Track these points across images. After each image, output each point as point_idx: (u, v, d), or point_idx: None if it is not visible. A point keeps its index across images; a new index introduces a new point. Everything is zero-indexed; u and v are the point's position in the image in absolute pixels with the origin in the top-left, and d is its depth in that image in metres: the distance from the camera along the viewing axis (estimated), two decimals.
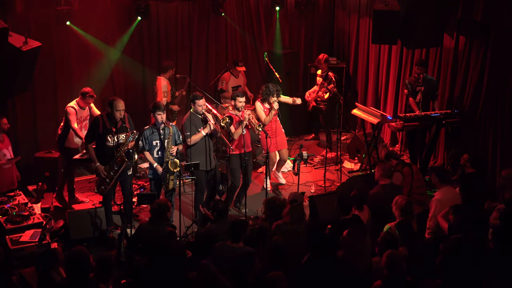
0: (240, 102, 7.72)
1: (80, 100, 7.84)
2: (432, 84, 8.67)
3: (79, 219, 7.08)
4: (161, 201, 6.26)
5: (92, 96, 7.90)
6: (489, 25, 7.83)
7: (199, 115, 7.41)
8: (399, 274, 4.83)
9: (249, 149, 7.90)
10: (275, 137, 8.28)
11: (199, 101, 7.36)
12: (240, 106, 7.73)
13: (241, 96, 7.78)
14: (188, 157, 7.39)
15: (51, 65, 8.96)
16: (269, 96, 8.11)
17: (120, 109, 6.97)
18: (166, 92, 9.04)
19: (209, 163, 7.52)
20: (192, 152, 7.37)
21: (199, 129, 7.39)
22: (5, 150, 7.64)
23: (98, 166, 7.07)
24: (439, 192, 6.51)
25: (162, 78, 9.09)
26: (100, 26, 9.24)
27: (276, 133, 8.34)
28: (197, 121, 7.39)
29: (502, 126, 7.90)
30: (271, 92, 8.10)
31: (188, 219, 7.73)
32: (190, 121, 7.31)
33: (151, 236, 5.89)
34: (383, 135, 10.25)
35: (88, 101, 7.91)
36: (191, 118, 7.34)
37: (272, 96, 8.09)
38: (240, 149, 7.77)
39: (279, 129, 8.43)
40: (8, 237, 6.71)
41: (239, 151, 7.78)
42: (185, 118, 7.45)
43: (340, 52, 11.30)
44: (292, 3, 11.05)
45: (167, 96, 9.07)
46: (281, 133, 8.46)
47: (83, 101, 7.85)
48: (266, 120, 8.13)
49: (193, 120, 7.36)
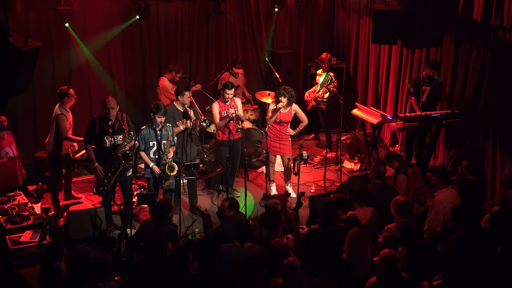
0: (227, 93, 7.80)
1: (65, 102, 7.53)
2: (438, 84, 8.67)
3: (79, 219, 7.07)
4: (164, 201, 6.28)
5: (70, 87, 7.59)
6: (489, 25, 7.83)
7: (181, 108, 7.51)
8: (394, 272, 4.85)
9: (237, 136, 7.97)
10: (278, 142, 8.21)
11: (187, 93, 7.52)
12: (227, 98, 7.81)
13: (229, 88, 7.81)
14: None
15: (51, 65, 8.96)
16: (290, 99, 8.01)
17: (110, 107, 6.89)
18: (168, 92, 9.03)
19: (184, 157, 7.57)
20: None
21: (177, 122, 7.50)
22: (7, 148, 7.64)
23: (96, 167, 7.06)
24: (439, 193, 6.52)
25: (164, 79, 9.08)
26: (100, 26, 9.23)
27: (280, 140, 8.21)
28: (177, 114, 7.53)
29: (502, 126, 7.90)
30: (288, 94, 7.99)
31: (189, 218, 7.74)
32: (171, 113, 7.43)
33: (152, 236, 5.89)
34: (383, 135, 10.25)
35: (73, 96, 7.60)
36: (171, 111, 7.49)
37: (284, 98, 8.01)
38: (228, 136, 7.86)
39: (285, 137, 8.24)
40: (8, 237, 6.72)
41: (227, 138, 7.89)
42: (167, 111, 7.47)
43: (340, 52, 11.30)
44: (292, 3, 11.05)
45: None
46: (286, 142, 8.27)
47: (68, 101, 7.55)
48: (270, 121, 8.13)
49: (173, 113, 7.51)
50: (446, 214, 6.29)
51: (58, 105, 7.59)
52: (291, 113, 8.13)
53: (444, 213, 6.31)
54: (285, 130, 8.21)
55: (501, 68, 7.90)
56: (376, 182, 6.89)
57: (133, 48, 9.83)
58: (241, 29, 10.78)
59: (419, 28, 7.63)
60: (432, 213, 6.41)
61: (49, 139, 7.69)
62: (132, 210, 7.17)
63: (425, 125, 8.61)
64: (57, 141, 7.62)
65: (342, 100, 9.58)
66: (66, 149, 7.82)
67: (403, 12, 7.61)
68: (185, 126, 7.48)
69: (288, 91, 8.00)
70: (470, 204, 6.56)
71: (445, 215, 6.30)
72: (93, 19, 9.15)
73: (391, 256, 4.90)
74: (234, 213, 6.23)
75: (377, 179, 6.90)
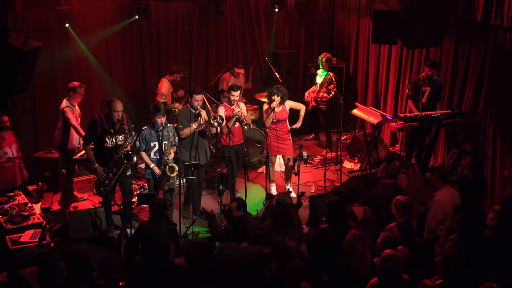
0: (233, 95, 7.78)
1: (71, 97, 7.70)
2: (438, 84, 8.67)
3: (79, 219, 7.07)
4: (159, 200, 6.28)
5: (82, 86, 7.76)
6: (489, 25, 7.83)
7: (194, 110, 7.46)
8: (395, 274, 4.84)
9: (240, 141, 7.98)
10: (276, 142, 8.20)
11: (197, 96, 7.44)
12: (232, 100, 7.79)
13: (235, 89, 7.80)
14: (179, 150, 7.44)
15: (51, 65, 8.96)
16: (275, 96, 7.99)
17: (118, 110, 6.93)
18: (165, 94, 9.03)
19: (193, 158, 7.55)
20: (180, 145, 7.48)
21: (190, 123, 7.47)
22: (6, 148, 7.63)
23: (97, 168, 7.04)
24: (439, 193, 6.52)
25: (165, 80, 9.09)
26: (100, 26, 9.23)
27: (278, 139, 8.19)
28: (190, 116, 7.49)
29: (502, 126, 7.90)
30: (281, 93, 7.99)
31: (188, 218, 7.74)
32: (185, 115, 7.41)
33: (151, 235, 5.89)
34: (383, 135, 10.25)
35: (81, 95, 7.75)
36: (185, 112, 7.49)
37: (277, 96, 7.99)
38: (233, 141, 7.79)
39: (286, 137, 8.24)
40: (8, 237, 6.72)
41: (232, 143, 7.81)
42: (180, 111, 7.57)
43: (340, 52, 11.30)
44: (292, 3, 11.05)
45: (166, 98, 9.05)
46: (286, 141, 8.26)
47: (74, 97, 7.71)
48: (267, 122, 8.12)
49: (186, 114, 7.49)
50: (446, 214, 6.30)
51: (65, 99, 7.73)
52: (286, 110, 8.15)
53: (443, 213, 6.32)
54: (286, 129, 8.21)
55: (501, 68, 7.90)
56: (386, 182, 6.80)
57: (133, 48, 9.84)
58: (241, 29, 10.79)
59: (419, 28, 7.63)
60: (432, 213, 6.41)
61: (57, 132, 7.80)
62: (132, 210, 7.17)
63: (425, 125, 8.61)
64: (64, 133, 7.72)
65: (342, 100, 9.58)
66: (74, 144, 7.82)
67: (403, 12, 7.61)
68: (197, 124, 7.43)
69: (280, 89, 8.01)
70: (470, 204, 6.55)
71: (445, 215, 6.30)
72: (93, 19, 9.15)
73: (393, 257, 4.89)
74: (242, 213, 6.23)
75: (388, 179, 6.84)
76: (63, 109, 7.66)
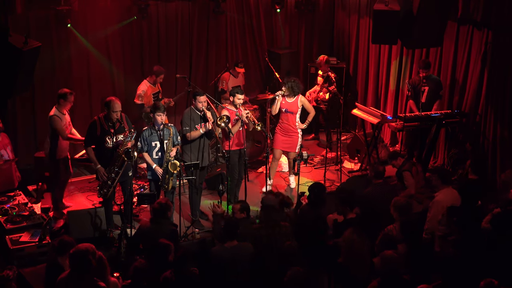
0: (238, 99, 7.72)
1: (61, 105, 7.38)
2: (436, 82, 8.68)
3: (79, 219, 7.07)
4: (162, 201, 6.28)
5: (72, 93, 7.42)
6: (489, 25, 7.83)
7: (198, 111, 7.42)
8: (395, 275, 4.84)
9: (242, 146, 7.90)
10: (286, 136, 8.29)
11: (200, 97, 7.37)
12: (238, 103, 7.73)
13: (240, 93, 7.77)
14: (184, 153, 7.41)
15: (51, 65, 8.96)
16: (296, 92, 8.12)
17: (117, 110, 6.90)
18: (142, 96, 8.88)
19: (201, 160, 7.52)
20: (186, 148, 7.43)
21: (196, 125, 7.40)
22: (2, 151, 7.61)
23: (99, 169, 7.01)
24: (439, 193, 6.51)
25: (145, 82, 9.02)
26: (100, 26, 9.24)
27: (288, 133, 8.30)
28: (196, 117, 7.42)
29: (502, 126, 7.90)
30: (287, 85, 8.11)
31: (188, 219, 7.74)
32: (190, 116, 7.35)
33: (152, 236, 5.89)
34: (383, 135, 10.25)
35: (71, 102, 7.42)
36: (191, 114, 7.38)
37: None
38: (239, 145, 7.77)
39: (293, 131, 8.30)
40: (8, 237, 6.72)
41: (238, 147, 7.78)
42: (185, 113, 7.46)
43: (340, 52, 11.30)
44: (292, 3, 11.06)
45: (143, 100, 8.90)
46: (291, 136, 8.32)
47: (64, 104, 7.39)
48: (273, 110, 8.19)
49: (192, 116, 7.40)
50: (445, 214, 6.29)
51: (54, 107, 7.44)
52: (297, 103, 8.19)
53: (442, 213, 6.31)
54: (293, 123, 8.26)
55: (501, 68, 7.90)
56: (377, 182, 6.89)
57: (133, 47, 9.83)
58: (241, 29, 10.79)
59: (419, 28, 7.64)
60: (431, 213, 6.40)
61: (46, 140, 7.60)
62: (132, 210, 7.17)
63: (425, 125, 8.61)
64: (53, 142, 7.46)
65: (342, 100, 9.58)
66: (64, 151, 7.63)
67: (403, 12, 7.62)
68: (205, 130, 7.38)
69: (291, 80, 8.14)
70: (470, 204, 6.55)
71: (444, 215, 6.29)
72: (93, 19, 9.15)
73: (393, 258, 4.89)
74: (245, 216, 6.23)
75: (377, 179, 6.89)
76: (51, 116, 7.36)
